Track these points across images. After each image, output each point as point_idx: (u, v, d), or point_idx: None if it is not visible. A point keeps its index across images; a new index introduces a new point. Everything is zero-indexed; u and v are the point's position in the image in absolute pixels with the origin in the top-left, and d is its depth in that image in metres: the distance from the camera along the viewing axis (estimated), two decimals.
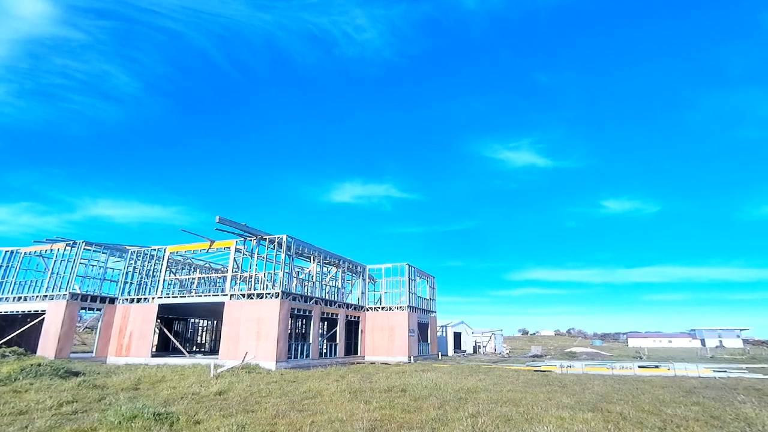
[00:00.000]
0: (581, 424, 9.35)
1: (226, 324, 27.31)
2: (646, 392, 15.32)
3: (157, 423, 8.95)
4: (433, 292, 42.64)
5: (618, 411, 10.99)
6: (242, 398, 12.94)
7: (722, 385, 18.37)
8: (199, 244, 31.28)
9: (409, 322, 35.38)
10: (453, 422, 9.44)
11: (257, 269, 29.59)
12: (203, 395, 13.38)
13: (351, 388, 15.05)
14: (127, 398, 12.43)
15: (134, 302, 31.08)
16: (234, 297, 27.80)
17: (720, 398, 14.03)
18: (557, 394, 14.20)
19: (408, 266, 37.00)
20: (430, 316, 41.11)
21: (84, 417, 9.91)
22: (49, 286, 30.89)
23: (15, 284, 32.79)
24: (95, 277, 32.17)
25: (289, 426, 9.14)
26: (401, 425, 9.32)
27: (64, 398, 11.99)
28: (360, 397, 13.00)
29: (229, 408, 11.12)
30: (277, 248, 29.05)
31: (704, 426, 9.61)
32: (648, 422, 9.76)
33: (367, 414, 10.29)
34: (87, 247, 31.35)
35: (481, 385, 16.56)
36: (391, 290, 37.43)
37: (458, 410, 10.88)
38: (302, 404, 11.89)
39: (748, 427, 9.62)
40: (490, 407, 11.37)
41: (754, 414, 10.97)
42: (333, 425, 9.19)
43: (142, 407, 9.79)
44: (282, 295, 26.29)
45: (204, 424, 9.16)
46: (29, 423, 9.14)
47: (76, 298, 29.05)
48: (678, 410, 11.42)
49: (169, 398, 12.77)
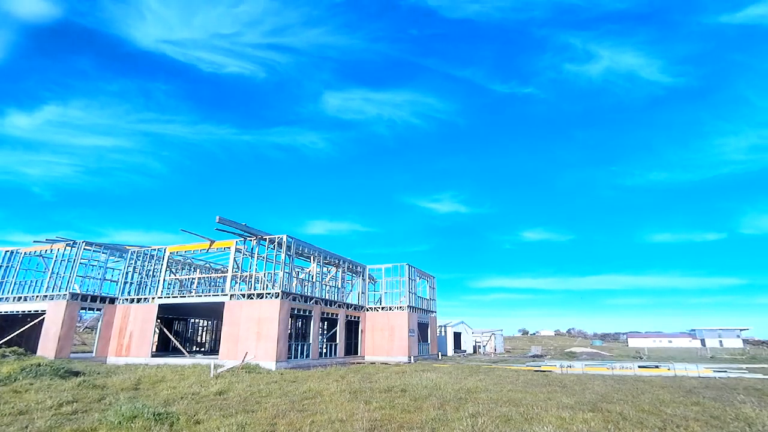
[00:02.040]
0: (581, 424, 9.36)
1: (226, 324, 27.31)
2: (646, 392, 15.33)
3: (157, 423, 8.95)
4: (433, 292, 42.64)
5: (618, 411, 10.99)
6: (242, 398, 12.94)
7: (722, 385, 18.37)
8: (199, 244, 31.30)
9: (409, 322, 35.39)
10: (453, 422, 9.44)
11: (257, 269, 29.59)
12: (203, 395, 13.38)
13: (351, 388, 15.05)
14: (127, 398, 12.43)
15: (134, 302, 31.09)
16: (234, 297, 27.80)
17: (720, 398, 14.04)
18: (557, 394, 14.20)
19: (408, 266, 37.00)
20: (430, 316, 41.12)
21: (84, 417, 9.92)
22: (49, 286, 30.90)
23: (15, 284, 32.79)
24: (95, 277, 32.17)
25: (289, 426, 9.15)
26: (401, 425, 9.32)
27: (64, 398, 11.99)
28: (360, 397, 13.00)
29: (229, 408, 11.12)
30: (277, 248, 29.06)
31: (704, 426, 9.61)
32: (648, 422, 9.76)
33: (367, 414, 10.29)
34: (87, 247, 31.37)
35: (481, 385, 16.56)
36: (391, 290, 37.42)
37: (458, 410, 10.88)
38: (302, 404, 11.89)
39: (748, 427, 9.62)
40: (490, 407, 11.37)
41: (754, 414, 10.97)
42: (333, 425, 9.19)
43: (142, 407, 9.79)
44: (282, 295, 26.29)
45: (204, 424, 9.17)
46: (29, 423, 9.14)
47: (76, 298, 29.06)
48: (678, 410, 11.43)
49: (169, 398, 12.78)
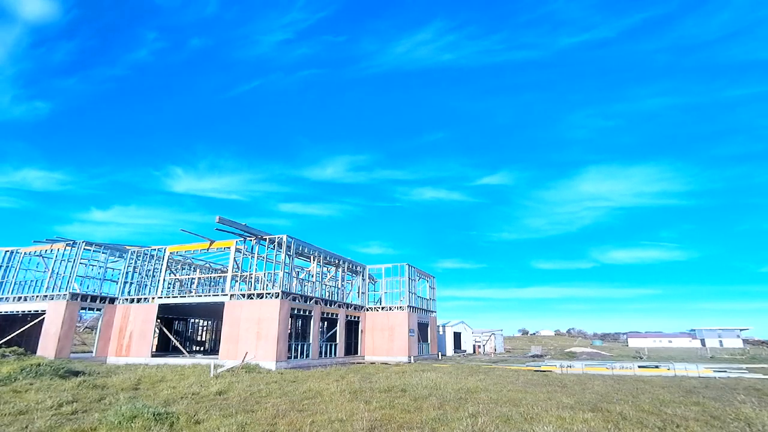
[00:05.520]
0: (581, 424, 9.35)
1: (226, 324, 27.32)
2: (646, 392, 15.33)
3: (157, 423, 8.94)
4: (433, 292, 42.65)
5: (618, 411, 10.99)
6: (242, 398, 12.94)
7: (722, 385, 18.37)
8: (199, 244, 31.30)
9: (409, 322, 35.39)
10: (453, 422, 9.44)
11: (257, 269, 29.61)
12: (203, 395, 13.38)
13: (351, 388, 15.05)
14: (127, 398, 12.42)
15: (134, 302, 31.09)
16: (234, 297, 27.80)
17: (720, 398, 14.03)
18: (557, 394, 14.20)
19: (408, 266, 37.01)
20: (430, 316, 41.12)
21: (84, 417, 9.92)
22: (49, 286, 30.90)
23: (15, 284, 32.81)
24: (95, 277, 32.17)
25: (289, 426, 9.14)
26: (401, 425, 9.32)
27: (64, 398, 11.99)
28: (360, 397, 13.00)
29: (229, 408, 11.12)
30: (277, 248, 29.05)
31: (704, 426, 9.61)
32: (648, 422, 9.76)
33: (367, 414, 10.29)
34: (87, 247, 31.36)
35: (481, 385, 16.56)
36: (391, 290, 37.44)
37: (458, 410, 10.88)
38: (302, 404, 11.89)
39: (748, 427, 9.62)
40: (490, 407, 11.37)
41: (754, 414, 10.97)
42: (333, 425, 9.19)
43: (142, 407, 9.78)
44: (282, 295, 26.29)
45: (204, 424, 9.16)
46: (29, 423, 9.14)
47: (76, 298, 29.06)
48: (678, 410, 11.42)
49: (169, 398, 12.78)
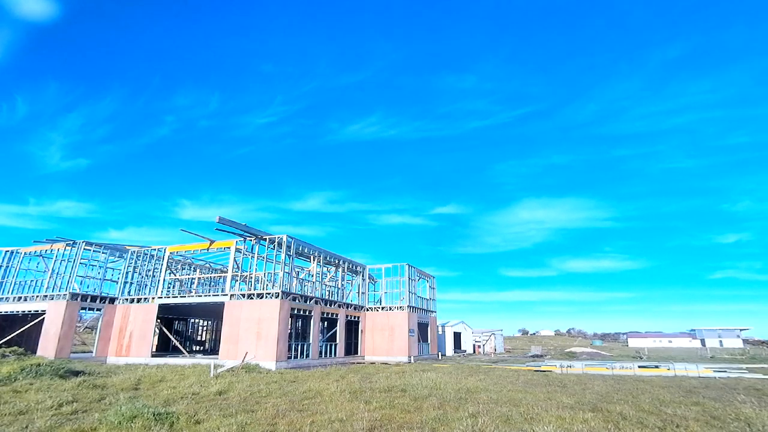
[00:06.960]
0: (581, 424, 9.35)
1: (226, 324, 27.31)
2: (646, 392, 15.33)
3: (157, 423, 8.94)
4: (433, 292, 42.65)
5: (618, 411, 10.99)
6: (242, 398, 12.94)
7: (722, 385, 18.37)
8: (199, 244, 31.30)
9: (409, 322, 35.39)
10: (453, 422, 9.44)
11: (257, 269, 29.61)
12: (203, 395, 13.38)
13: (351, 388, 15.04)
14: (127, 398, 12.42)
15: (134, 302, 31.09)
16: (234, 297, 27.80)
17: (720, 398, 14.04)
18: (557, 394, 14.20)
19: (408, 266, 37.01)
20: (430, 316, 41.12)
21: (84, 417, 9.92)
22: (49, 286, 30.91)
23: (15, 284, 32.81)
24: (95, 277, 32.17)
25: (289, 426, 9.14)
26: (401, 425, 9.32)
27: (64, 398, 11.98)
28: (360, 397, 12.99)
29: (229, 408, 11.12)
30: (277, 248, 29.05)
31: (704, 426, 9.61)
32: (648, 422, 9.76)
33: (367, 414, 10.29)
34: (87, 247, 31.36)
35: (481, 385, 16.56)
36: (391, 290, 37.43)
37: (458, 410, 10.88)
38: (302, 404, 11.89)
39: (748, 427, 9.62)
40: (490, 407, 11.37)
41: (754, 414, 10.97)
42: (333, 425, 9.19)
43: (142, 407, 9.78)
44: (282, 295, 26.29)
45: (204, 424, 9.16)
46: (29, 423, 9.14)
47: (76, 298, 29.06)
48: (678, 410, 11.42)
49: (169, 398, 12.77)
